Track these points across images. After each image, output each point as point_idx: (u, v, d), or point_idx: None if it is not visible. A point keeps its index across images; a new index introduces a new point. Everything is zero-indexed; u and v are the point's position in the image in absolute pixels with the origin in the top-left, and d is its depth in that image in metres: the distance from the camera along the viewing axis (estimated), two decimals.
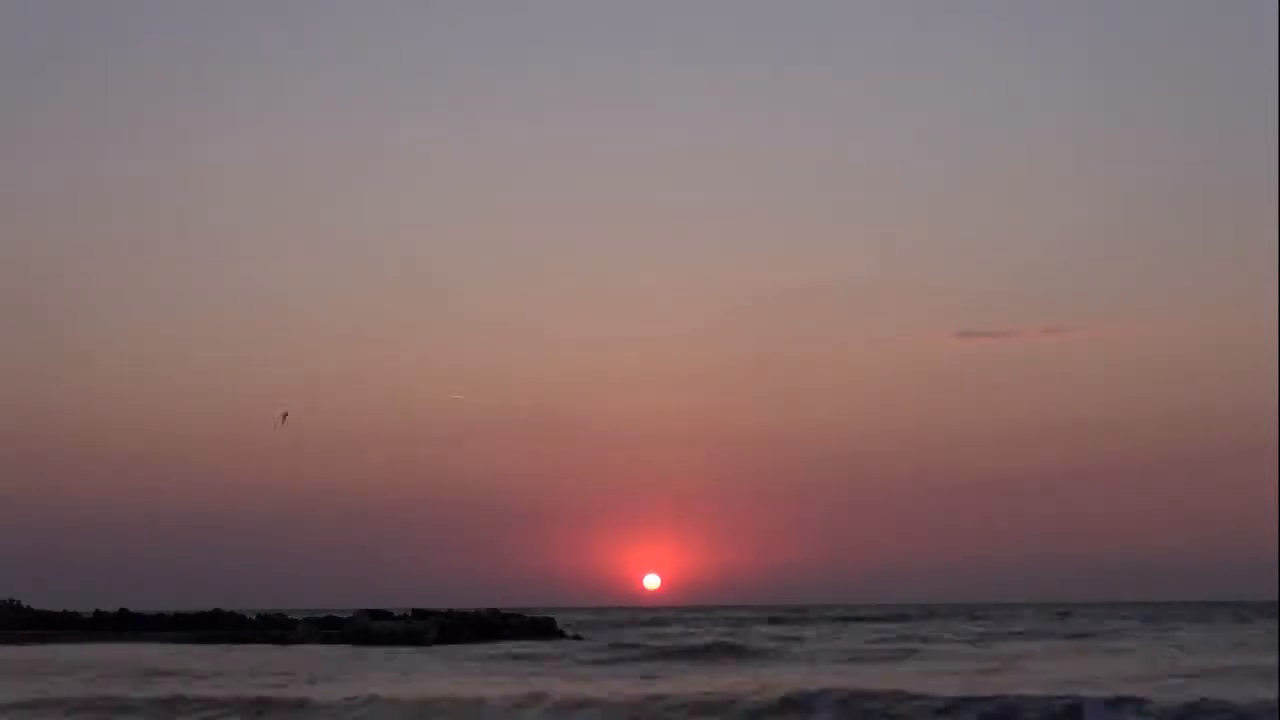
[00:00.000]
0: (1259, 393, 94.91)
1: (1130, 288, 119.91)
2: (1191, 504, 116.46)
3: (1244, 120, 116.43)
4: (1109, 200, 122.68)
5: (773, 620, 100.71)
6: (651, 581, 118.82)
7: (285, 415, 51.13)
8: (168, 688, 36.53)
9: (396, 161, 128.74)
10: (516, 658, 50.72)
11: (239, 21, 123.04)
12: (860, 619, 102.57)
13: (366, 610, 78.35)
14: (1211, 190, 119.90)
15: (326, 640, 68.15)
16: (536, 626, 72.93)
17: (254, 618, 79.43)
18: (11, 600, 77.71)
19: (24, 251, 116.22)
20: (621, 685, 35.78)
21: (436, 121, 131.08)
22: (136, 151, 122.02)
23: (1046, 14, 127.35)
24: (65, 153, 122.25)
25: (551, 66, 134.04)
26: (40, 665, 47.22)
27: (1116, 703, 28.57)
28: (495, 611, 75.32)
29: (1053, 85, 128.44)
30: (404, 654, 56.05)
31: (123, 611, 78.78)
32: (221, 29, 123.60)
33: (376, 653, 57.23)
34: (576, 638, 70.52)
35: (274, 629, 73.19)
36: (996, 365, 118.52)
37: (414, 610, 77.51)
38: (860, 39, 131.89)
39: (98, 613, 78.56)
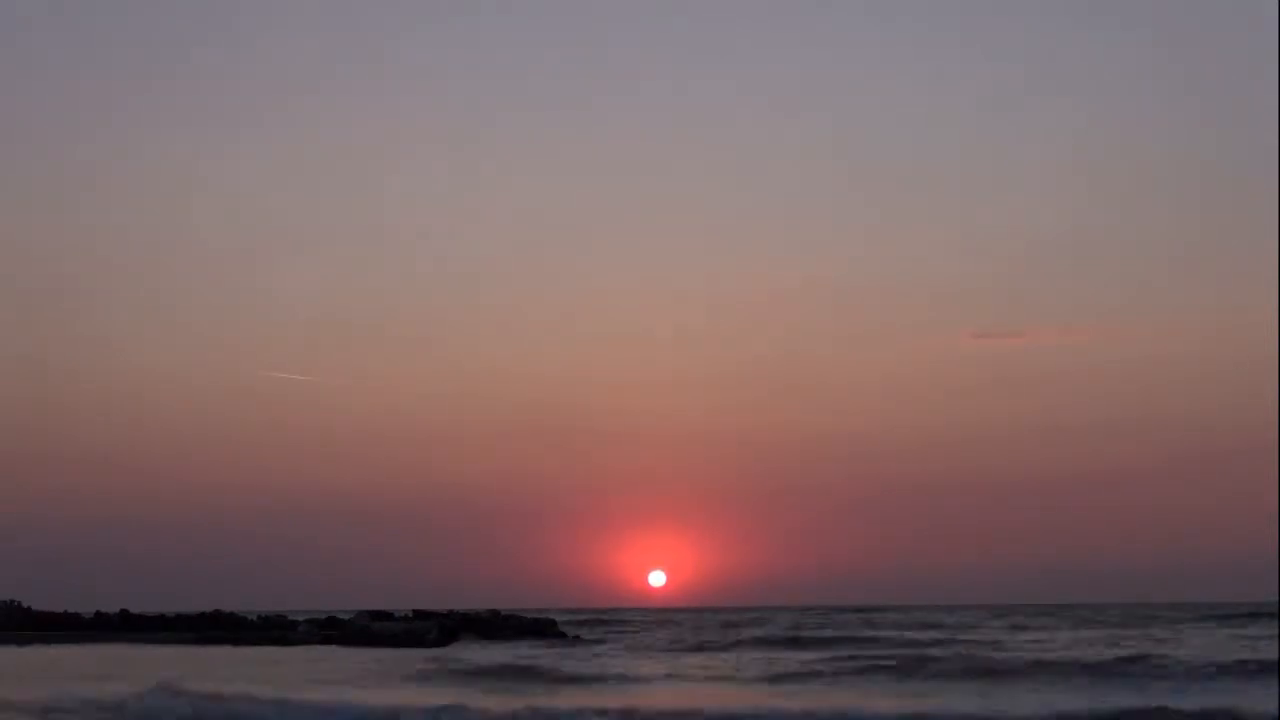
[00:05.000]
0: (1270, 392, 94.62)
1: (1146, 288, 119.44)
2: (1207, 505, 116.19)
3: (1249, 122, 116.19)
4: (1126, 200, 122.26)
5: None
6: (656, 580, 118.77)
7: None
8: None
9: (402, 163, 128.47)
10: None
11: (254, 19, 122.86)
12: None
13: (367, 611, 78.53)
14: (1223, 191, 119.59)
15: (327, 641, 68.28)
16: (537, 627, 73.07)
17: (255, 619, 79.52)
18: (13, 601, 77.80)
19: (26, 248, 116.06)
20: None
21: (445, 124, 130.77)
22: (146, 147, 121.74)
23: (1061, 6, 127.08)
24: (75, 145, 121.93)
25: (553, 66, 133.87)
26: None
27: None
28: (495, 613, 75.44)
29: (1066, 82, 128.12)
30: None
31: (123, 612, 78.86)
32: (236, 25, 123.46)
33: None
34: (577, 638, 70.58)
35: (275, 630, 73.29)
36: (1012, 365, 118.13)
37: (415, 611, 77.65)
38: (868, 35, 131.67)
39: (98, 613, 78.65)
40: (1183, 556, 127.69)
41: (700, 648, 61.95)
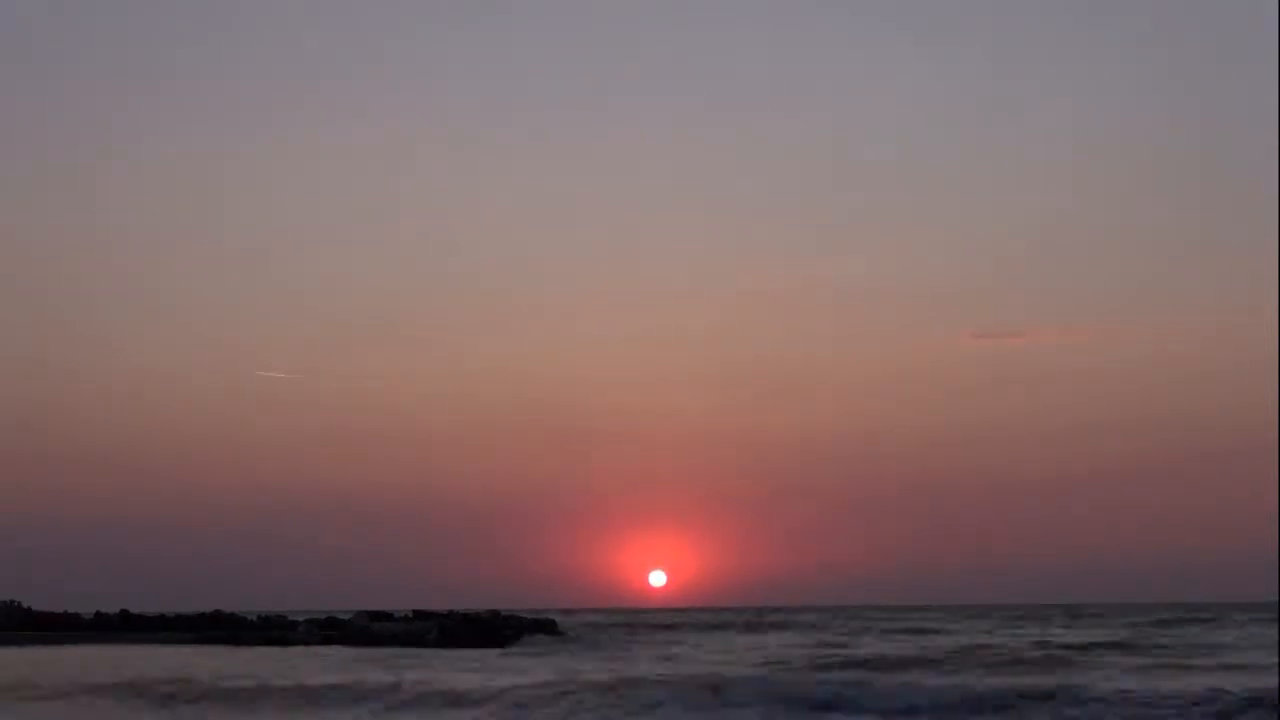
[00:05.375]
0: (1270, 392, 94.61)
1: (1146, 288, 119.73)
2: (1207, 505, 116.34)
3: (1249, 122, 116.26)
4: (1126, 200, 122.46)
5: None
6: (657, 580, 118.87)
7: None
8: None
9: (403, 164, 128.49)
10: None
11: (254, 20, 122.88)
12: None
13: (367, 612, 78.57)
14: (1223, 191, 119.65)
15: (327, 641, 68.30)
16: (537, 628, 73.09)
17: (255, 619, 79.55)
18: (13, 601, 77.83)
19: (26, 245, 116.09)
20: None
21: (445, 124, 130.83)
22: (147, 147, 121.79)
23: (1061, 6, 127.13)
24: (75, 145, 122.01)
25: (553, 67, 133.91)
26: None
27: None
28: (495, 613, 75.48)
29: (1066, 82, 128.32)
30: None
31: (123, 613, 78.89)
32: (236, 26, 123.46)
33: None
34: (578, 640, 70.56)
35: (275, 630, 73.31)
36: (1012, 365, 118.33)
37: (415, 611, 77.67)
38: (867, 35, 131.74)
39: (98, 614, 78.68)
40: (1183, 556, 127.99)
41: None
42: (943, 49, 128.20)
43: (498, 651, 59.34)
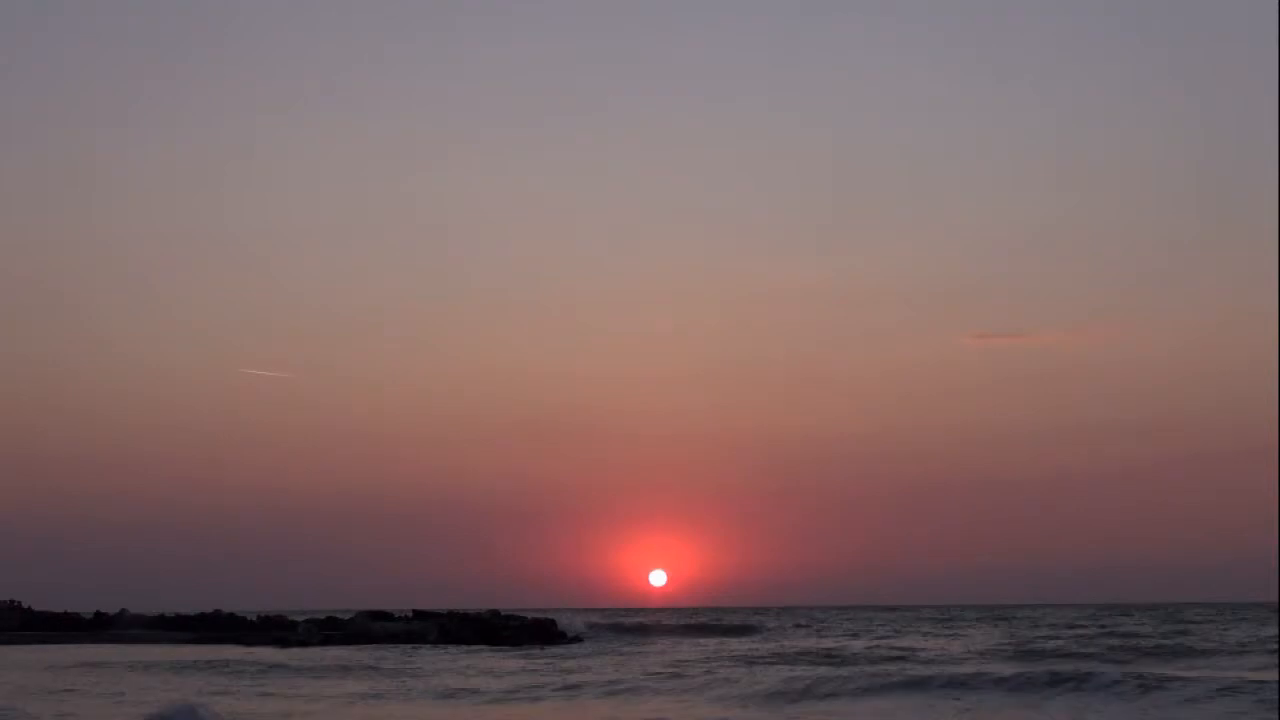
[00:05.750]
0: (1270, 392, 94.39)
1: (1147, 288, 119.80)
2: (1207, 504, 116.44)
3: (1249, 122, 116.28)
4: (1126, 201, 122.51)
5: None
6: (657, 579, 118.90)
7: None
8: None
9: (403, 164, 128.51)
10: None
11: (254, 22, 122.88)
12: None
13: (367, 611, 78.59)
14: (1223, 191, 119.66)
15: (327, 641, 68.32)
16: (537, 628, 73.06)
17: (255, 619, 79.59)
18: (13, 601, 77.86)
19: (27, 245, 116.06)
20: None
21: (446, 125, 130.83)
22: (148, 148, 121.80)
23: (1062, 7, 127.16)
24: (77, 142, 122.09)
25: (554, 67, 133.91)
26: None
27: None
28: (495, 613, 75.48)
29: (1066, 83, 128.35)
30: None
31: (123, 613, 78.95)
32: (237, 28, 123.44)
33: None
34: (577, 639, 70.60)
35: (275, 630, 73.34)
36: (1013, 366, 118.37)
37: (415, 611, 77.70)
38: (868, 35, 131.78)
39: (98, 614, 78.73)
40: (1183, 556, 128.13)
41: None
42: (943, 49, 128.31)
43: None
